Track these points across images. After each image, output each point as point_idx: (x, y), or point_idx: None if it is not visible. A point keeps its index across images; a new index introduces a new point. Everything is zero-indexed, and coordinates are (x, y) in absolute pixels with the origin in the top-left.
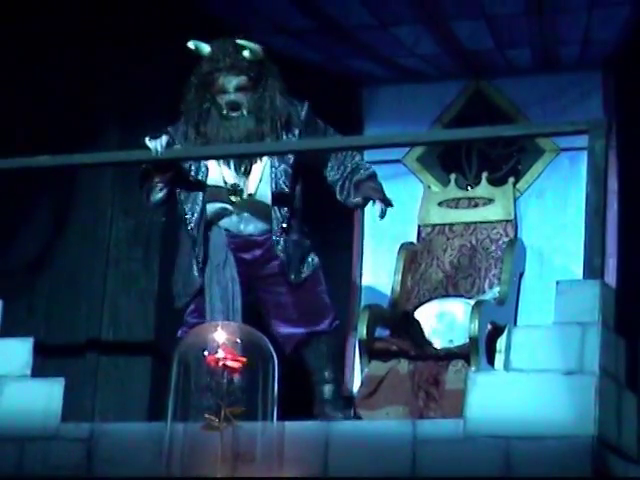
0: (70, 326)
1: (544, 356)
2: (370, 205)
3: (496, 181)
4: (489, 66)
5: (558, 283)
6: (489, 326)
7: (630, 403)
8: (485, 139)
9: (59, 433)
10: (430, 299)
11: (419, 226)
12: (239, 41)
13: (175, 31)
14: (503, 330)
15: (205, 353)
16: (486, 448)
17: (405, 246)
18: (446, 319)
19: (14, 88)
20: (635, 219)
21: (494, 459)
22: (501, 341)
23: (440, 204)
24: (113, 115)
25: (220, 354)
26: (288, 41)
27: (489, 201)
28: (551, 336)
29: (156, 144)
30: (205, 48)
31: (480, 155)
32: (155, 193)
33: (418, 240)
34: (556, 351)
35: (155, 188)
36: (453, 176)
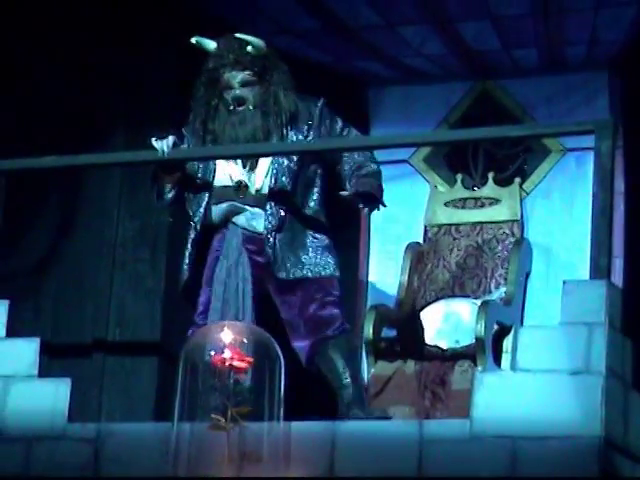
0: (77, 326)
1: (550, 356)
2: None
3: (502, 181)
4: (495, 66)
5: (565, 283)
6: (495, 326)
7: (636, 403)
8: (491, 139)
9: (65, 433)
10: (436, 299)
11: (425, 226)
12: (240, 35)
13: (181, 32)
14: (509, 330)
15: (212, 353)
16: (492, 448)
17: (411, 246)
18: (452, 319)
19: (20, 89)
20: None
21: (500, 459)
22: (507, 341)
23: (446, 204)
24: (119, 116)
25: (227, 354)
26: (294, 41)
27: (495, 201)
28: (557, 336)
29: (162, 145)
30: (210, 44)
31: (486, 155)
32: (164, 194)
33: (424, 240)
34: (562, 351)
35: (164, 189)
36: (459, 176)
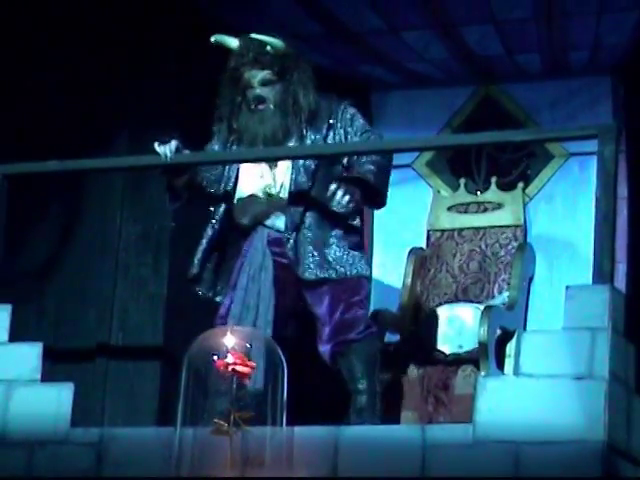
0: (79, 331)
1: (554, 361)
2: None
3: (505, 186)
4: (498, 71)
5: (568, 288)
6: (498, 331)
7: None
8: (494, 144)
9: (68, 438)
10: (439, 304)
11: (428, 231)
12: (256, 35)
13: (184, 37)
14: (512, 335)
15: (214, 358)
16: (495, 453)
17: (414, 251)
18: (455, 324)
19: (23, 94)
20: None
21: (503, 464)
22: (510, 346)
23: (449, 209)
24: (122, 120)
25: (229, 359)
26: (298, 46)
27: (498, 206)
28: (561, 341)
29: (165, 149)
30: (232, 42)
31: (489, 160)
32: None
33: (427, 245)
34: (566, 356)
35: (175, 191)
36: (462, 181)
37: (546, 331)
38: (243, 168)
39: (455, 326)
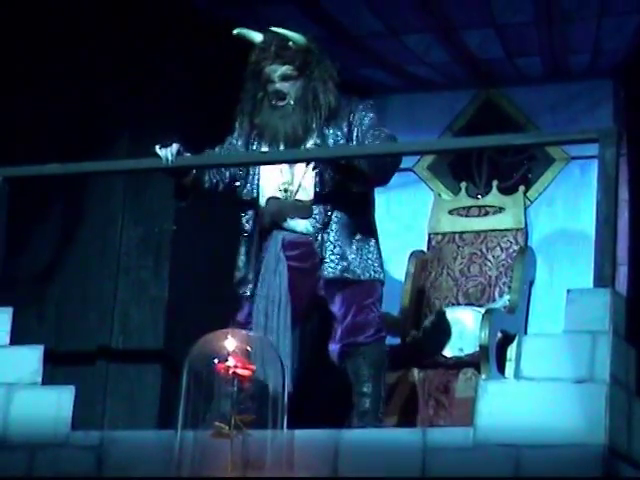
0: (80, 334)
1: (554, 364)
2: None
3: (506, 189)
4: (499, 75)
5: (568, 291)
6: (499, 334)
7: None
8: (495, 147)
9: (69, 441)
10: (440, 307)
11: (429, 234)
12: (277, 29)
13: (186, 39)
14: (513, 338)
15: (215, 361)
16: (496, 456)
17: (415, 254)
18: (456, 327)
19: (24, 96)
20: None
21: (504, 467)
22: (511, 349)
23: (450, 212)
24: (123, 123)
25: (230, 362)
26: None
27: (499, 209)
28: (561, 344)
29: (166, 152)
30: (255, 36)
31: (490, 163)
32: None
33: (428, 248)
34: (566, 359)
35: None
36: (463, 184)
37: (547, 334)
38: (265, 177)
39: (456, 329)
